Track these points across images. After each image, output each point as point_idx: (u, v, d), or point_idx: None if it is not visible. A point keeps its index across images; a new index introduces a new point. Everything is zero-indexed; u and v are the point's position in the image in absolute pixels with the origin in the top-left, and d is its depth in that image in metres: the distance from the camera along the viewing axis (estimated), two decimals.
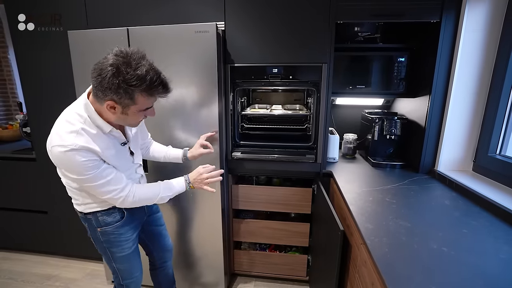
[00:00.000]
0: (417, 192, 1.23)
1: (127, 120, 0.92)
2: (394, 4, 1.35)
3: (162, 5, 1.49)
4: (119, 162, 1.00)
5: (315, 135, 1.54)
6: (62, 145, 0.82)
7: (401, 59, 1.56)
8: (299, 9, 1.37)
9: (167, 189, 1.08)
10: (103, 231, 1.06)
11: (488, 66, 1.29)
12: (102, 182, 0.91)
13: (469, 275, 0.69)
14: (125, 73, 0.78)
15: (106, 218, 1.05)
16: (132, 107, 0.86)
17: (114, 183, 0.94)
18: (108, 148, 0.93)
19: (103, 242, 1.08)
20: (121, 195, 0.96)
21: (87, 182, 0.90)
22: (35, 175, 1.90)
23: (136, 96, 0.83)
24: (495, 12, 1.23)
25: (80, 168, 0.86)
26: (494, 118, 1.25)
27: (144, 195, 1.03)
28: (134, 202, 1.00)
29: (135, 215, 1.14)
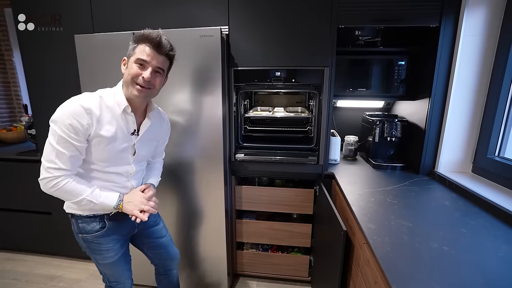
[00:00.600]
0: (417, 193, 1.25)
1: (125, 75, 0.97)
2: (394, 9, 1.38)
3: (166, 9, 1.51)
4: (113, 151, 0.97)
5: (317, 137, 1.57)
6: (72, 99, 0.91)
7: (401, 62, 1.59)
8: (301, 14, 1.40)
9: (95, 195, 0.95)
10: (83, 237, 1.04)
11: (487, 69, 1.32)
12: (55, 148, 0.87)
13: (469, 273, 0.71)
14: (136, 33, 0.95)
15: (85, 226, 1.02)
16: (132, 58, 0.95)
17: (61, 160, 0.88)
18: (112, 125, 0.95)
19: (85, 247, 1.07)
20: (51, 174, 0.88)
21: (51, 134, 0.88)
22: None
23: (137, 48, 0.94)
24: (493, 17, 1.27)
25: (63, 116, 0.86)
26: (493, 121, 1.28)
27: (70, 190, 0.91)
28: (55, 192, 0.91)
29: (120, 227, 1.09)
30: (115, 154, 0.99)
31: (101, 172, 1.00)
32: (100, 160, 0.97)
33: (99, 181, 1.01)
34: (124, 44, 1.42)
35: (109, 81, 1.42)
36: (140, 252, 1.29)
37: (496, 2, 1.25)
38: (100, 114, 0.92)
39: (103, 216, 1.04)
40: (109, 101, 0.96)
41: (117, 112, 0.96)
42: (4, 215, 2.07)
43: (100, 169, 0.99)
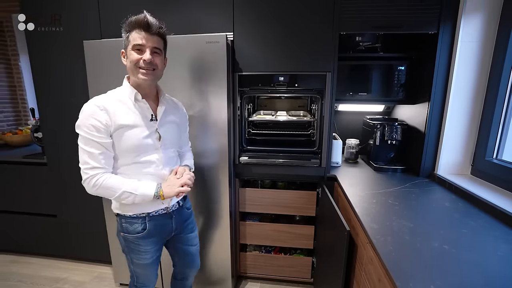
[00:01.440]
0: (418, 195, 1.28)
1: (128, 65, 1.01)
2: (394, 17, 1.42)
3: (174, 15, 1.56)
4: (137, 139, 1.00)
5: (319, 140, 1.60)
6: (89, 102, 0.98)
7: (401, 67, 1.63)
8: (304, 20, 1.45)
9: (133, 187, 0.99)
10: (124, 236, 1.09)
11: (484, 74, 1.36)
12: (84, 149, 0.95)
13: (469, 271, 0.74)
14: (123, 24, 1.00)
15: (128, 227, 1.08)
16: (128, 47, 0.99)
17: (92, 159, 0.95)
18: (127, 115, 1.00)
19: (124, 246, 1.13)
20: (88, 174, 0.95)
21: (79, 140, 0.96)
22: (45, 179, 1.95)
23: (129, 36, 0.98)
24: (489, 24, 1.31)
25: (82, 119, 0.94)
26: (490, 124, 1.31)
27: (109, 185, 0.96)
28: (97, 190, 0.97)
29: (159, 230, 1.13)
30: (140, 142, 1.01)
31: (135, 164, 1.03)
32: (129, 151, 1.01)
33: (136, 175, 1.04)
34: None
35: (117, 84, 1.47)
36: None
37: (492, 10, 1.29)
38: (114, 109, 0.98)
39: (145, 218, 1.08)
40: (119, 96, 1.02)
41: (130, 104, 1.02)
42: (10, 217, 2.09)
43: (131, 161, 1.02)
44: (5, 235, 2.14)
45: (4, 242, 2.18)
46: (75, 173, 1.83)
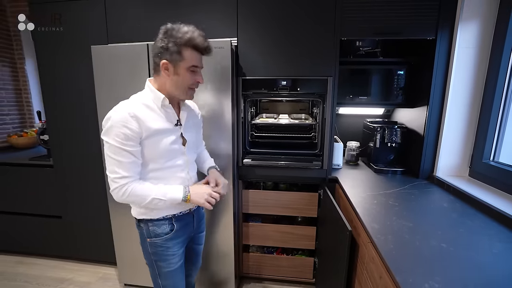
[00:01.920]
0: (417, 196, 1.32)
1: (178, 82, 0.98)
2: (393, 23, 1.47)
3: (179, 19, 1.59)
4: (166, 145, 1.01)
5: (321, 143, 1.64)
6: (116, 110, 0.95)
7: (400, 72, 1.67)
8: (306, 27, 1.49)
9: (161, 192, 1.00)
10: (152, 242, 1.08)
11: (480, 79, 1.40)
12: (113, 158, 0.93)
13: (466, 267, 0.78)
14: (172, 32, 0.94)
15: (156, 229, 1.07)
16: (181, 64, 0.95)
17: (121, 168, 0.94)
18: (157, 121, 0.98)
19: (151, 254, 1.10)
20: (118, 184, 0.94)
21: (107, 148, 0.94)
22: (51, 181, 1.99)
23: (183, 51, 0.94)
24: (485, 31, 1.36)
25: (112, 127, 0.91)
26: (487, 127, 1.36)
27: (138, 194, 0.97)
28: (126, 199, 0.97)
29: (185, 229, 1.14)
30: (169, 147, 1.02)
31: (162, 170, 1.04)
32: (158, 157, 1.01)
33: (164, 180, 1.04)
34: (137, 54, 1.52)
35: (123, 89, 1.52)
36: None
37: (488, 17, 1.34)
38: (144, 115, 0.96)
39: (171, 218, 1.09)
40: (146, 101, 1.00)
41: (156, 109, 1.00)
42: (15, 219, 2.12)
43: (160, 166, 1.03)
44: (11, 236, 2.17)
45: (10, 243, 2.21)
46: (80, 174, 1.90)
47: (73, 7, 1.69)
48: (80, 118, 1.82)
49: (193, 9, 1.58)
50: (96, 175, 1.84)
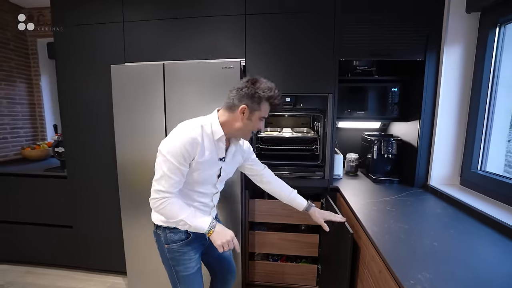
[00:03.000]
0: (413, 203, 1.43)
1: (248, 126, 1.10)
2: (387, 46, 1.63)
3: (191, 40, 1.75)
4: (205, 175, 1.10)
5: (323, 154, 1.76)
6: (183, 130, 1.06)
7: (394, 89, 1.82)
8: (309, 48, 1.65)
9: (191, 216, 1.06)
10: (169, 248, 1.15)
11: (466, 95, 1.55)
12: (166, 174, 1.01)
13: (455, 263, 0.88)
14: (258, 85, 1.07)
15: (173, 236, 1.14)
16: (257, 113, 1.08)
17: (168, 184, 1.02)
18: (209, 151, 1.08)
19: (169, 259, 1.16)
20: (159, 195, 1.03)
21: (163, 161, 1.02)
22: (64, 192, 2.07)
23: (262, 104, 1.07)
24: (467, 53, 1.52)
25: (176, 146, 1.00)
26: (474, 139, 1.49)
27: (172, 210, 1.04)
28: (160, 210, 1.05)
29: (199, 236, 1.19)
30: (207, 178, 1.13)
31: (191, 191, 1.13)
32: (194, 181, 1.11)
33: (187, 200, 1.12)
34: (153, 73, 1.66)
35: (139, 105, 1.64)
36: None
37: (469, 41, 1.50)
38: (202, 142, 1.06)
39: None
40: (207, 129, 1.08)
41: (212, 140, 1.09)
42: (26, 229, 2.18)
43: (191, 188, 1.12)
44: (21, 246, 2.23)
45: (19, 253, 2.25)
46: (93, 186, 1.99)
47: (94, 28, 1.84)
48: (95, 132, 1.93)
49: (204, 30, 1.74)
50: (109, 187, 1.93)
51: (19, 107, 2.65)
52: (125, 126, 1.73)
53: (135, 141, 1.73)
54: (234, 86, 1.10)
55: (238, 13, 1.69)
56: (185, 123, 1.10)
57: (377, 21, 1.62)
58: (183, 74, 1.64)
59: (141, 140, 1.72)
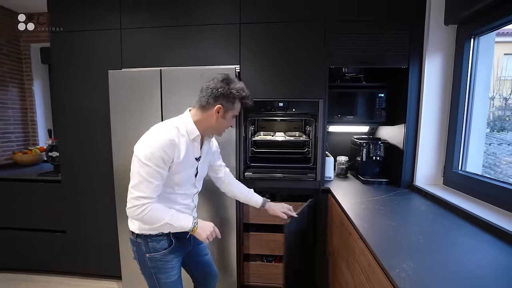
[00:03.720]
0: (399, 202, 1.51)
1: (222, 124, 1.15)
2: (374, 54, 1.73)
3: (188, 48, 1.81)
4: (185, 176, 1.12)
5: (314, 157, 1.83)
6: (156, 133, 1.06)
7: (381, 95, 1.92)
8: (301, 56, 1.74)
9: (174, 217, 1.07)
10: (151, 257, 1.13)
11: (447, 100, 1.66)
12: (145, 178, 1.00)
13: (437, 255, 0.95)
14: (233, 85, 1.12)
15: (155, 245, 1.12)
16: (230, 112, 1.14)
17: (149, 189, 1.01)
18: (186, 152, 1.08)
19: (151, 267, 1.14)
20: (140, 202, 1.00)
21: (141, 166, 1.00)
22: (57, 196, 2.07)
23: (236, 103, 1.13)
24: (446, 61, 1.63)
25: (154, 150, 1.00)
26: (454, 142, 1.59)
27: (155, 215, 1.03)
28: (142, 218, 1.02)
29: (182, 244, 1.21)
30: (187, 178, 1.15)
31: (171, 194, 1.13)
32: (175, 184, 1.12)
33: (168, 203, 1.12)
34: (150, 79, 1.70)
35: (137, 111, 1.68)
36: None
37: (448, 50, 1.62)
38: (178, 143, 1.07)
39: (169, 234, 1.16)
40: (182, 130, 1.10)
41: (187, 140, 1.10)
42: (18, 234, 2.16)
43: (171, 191, 1.13)
44: (13, 252, 2.19)
45: (12, 260, 2.21)
46: (88, 190, 2.00)
47: (91, 34, 1.88)
48: (91, 137, 1.95)
49: (200, 38, 1.80)
50: (105, 191, 1.94)
51: (11, 112, 2.63)
52: (122, 131, 1.76)
53: (132, 146, 1.75)
54: (206, 86, 1.12)
55: (233, 22, 1.76)
56: (159, 125, 1.11)
57: (364, 31, 1.72)
58: (180, 80, 1.69)
59: None
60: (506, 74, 1.79)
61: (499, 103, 1.77)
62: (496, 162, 1.69)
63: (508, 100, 1.75)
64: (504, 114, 1.79)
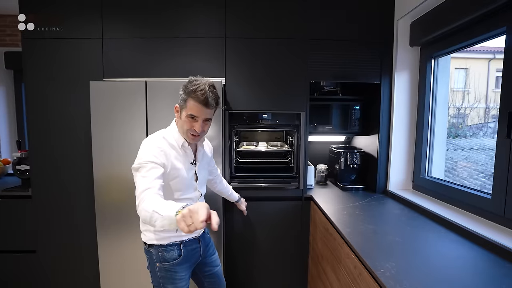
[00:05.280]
0: (376, 206, 1.64)
1: (183, 125, 1.11)
2: (349, 70, 1.88)
3: (173, 61, 1.82)
4: (183, 180, 1.14)
5: (297, 166, 1.92)
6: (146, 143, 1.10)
7: (356, 107, 2.08)
8: (283, 71, 1.84)
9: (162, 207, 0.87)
10: (161, 266, 1.16)
11: (414, 113, 1.85)
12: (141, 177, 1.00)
13: (413, 254, 1.06)
14: (188, 85, 1.08)
15: (165, 255, 1.15)
16: (184, 111, 1.09)
17: (144, 184, 0.98)
18: (176, 159, 1.12)
19: (159, 277, 1.17)
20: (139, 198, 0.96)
21: (137, 170, 1.02)
22: (26, 213, 1.92)
23: (188, 101, 1.07)
24: (413, 78, 1.83)
25: (145, 154, 1.04)
26: (421, 150, 1.77)
27: (145, 207, 0.91)
28: (140, 213, 0.94)
29: (192, 255, 1.23)
30: (185, 184, 1.16)
31: (178, 201, 1.12)
32: (174, 190, 1.13)
33: None
34: (134, 90, 1.69)
35: (119, 123, 1.66)
36: None
37: (413, 69, 1.82)
38: (169, 152, 1.10)
39: (179, 244, 1.18)
40: (170, 140, 1.14)
41: (178, 148, 1.15)
42: None
43: (177, 198, 1.14)
44: None
45: None
46: (62, 205, 1.89)
47: (71, 43, 1.82)
48: (68, 148, 1.86)
49: (185, 51, 1.83)
50: (82, 206, 1.86)
51: None
52: (103, 142, 1.71)
53: (114, 157, 1.72)
54: None
55: (218, 36, 1.82)
56: (148, 138, 1.14)
57: (340, 49, 1.86)
58: (166, 90, 1.69)
59: (122, 156, 1.71)
60: (457, 86, 2.05)
61: (453, 111, 2.00)
62: (454, 166, 1.90)
63: (460, 110, 2.00)
64: (458, 122, 2.03)
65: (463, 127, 2.00)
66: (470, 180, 1.66)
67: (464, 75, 2.09)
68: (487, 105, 1.92)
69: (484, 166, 1.61)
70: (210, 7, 1.82)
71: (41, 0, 1.81)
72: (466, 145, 1.85)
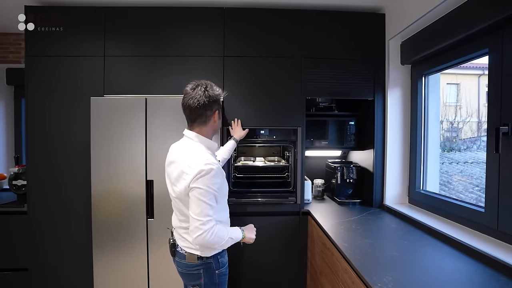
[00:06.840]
0: (373, 221, 1.65)
1: (219, 125, 1.21)
2: (343, 87, 1.95)
3: (172, 78, 1.88)
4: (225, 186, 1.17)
5: (294, 181, 1.94)
6: (209, 163, 1.04)
7: (351, 122, 2.13)
8: (280, 88, 1.90)
9: (231, 232, 1.14)
10: (220, 272, 1.17)
11: (407, 128, 1.90)
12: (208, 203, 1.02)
13: (410, 267, 1.07)
14: (212, 91, 1.13)
15: (223, 260, 1.19)
16: (219, 110, 1.19)
17: (212, 212, 1.03)
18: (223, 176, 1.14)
19: (217, 284, 1.17)
20: (209, 225, 1.01)
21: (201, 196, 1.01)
22: (21, 230, 1.90)
23: (219, 101, 1.17)
24: (405, 94, 1.89)
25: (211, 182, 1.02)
26: (416, 164, 1.81)
27: (219, 234, 1.05)
28: (213, 240, 1.02)
29: None
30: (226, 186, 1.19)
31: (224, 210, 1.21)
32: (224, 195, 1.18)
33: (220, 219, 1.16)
34: (134, 106, 1.72)
35: (118, 139, 1.67)
36: None
37: (405, 86, 1.89)
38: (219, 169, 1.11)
39: (225, 249, 1.22)
40: (208, 149, 1.15)
41: (213, 155, 1.18)
42: None
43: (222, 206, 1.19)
44: None
45: None
46: (57, 221, 1.87)
47: (71, 60, 1.87)
48: (66, 164, 1.87)
49: (184, 69, 1.89)
50: (79, 222, 1.85)
51: None
52: (102, 157, 1.72)
53: (112, 172, 1.72)
54: (189, 103, 1.10)
55: (217, 54, 1.89)
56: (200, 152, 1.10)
57: (335, 67, 1.93)
58: (165, 107, 1.73)
59: (120, 170, 1.72)
60: (450, 100, 2.11)
61: (447, 125, 2.05)
62: (449, 179, 1.93)
63: (453, 124, 2.05)
64: (452, 136, 2.08)
65: (457, 141, 2.05)
66: (465, 193, 1.69)
67: (456, 90, 2.17)
68: (479, 119, 1.98)
69: (479, 179, 1.64)
70: (209, 27, 1.90)
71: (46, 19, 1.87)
72: (460, 159, 1.89)
